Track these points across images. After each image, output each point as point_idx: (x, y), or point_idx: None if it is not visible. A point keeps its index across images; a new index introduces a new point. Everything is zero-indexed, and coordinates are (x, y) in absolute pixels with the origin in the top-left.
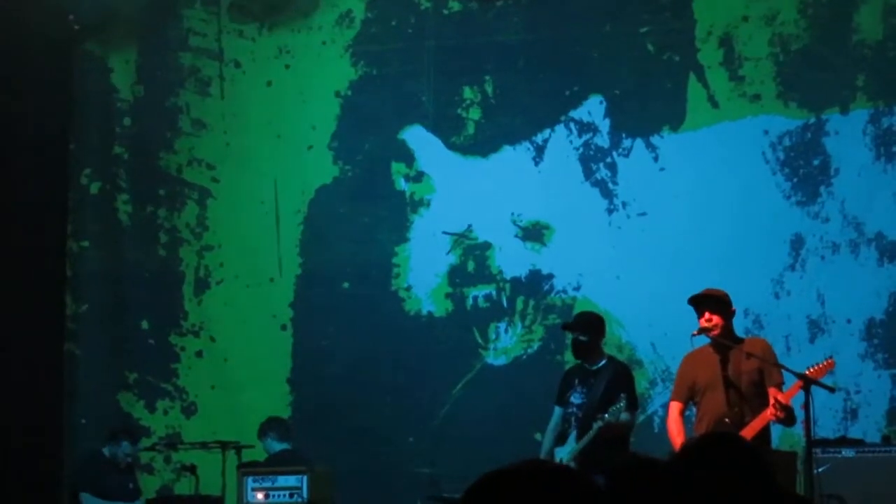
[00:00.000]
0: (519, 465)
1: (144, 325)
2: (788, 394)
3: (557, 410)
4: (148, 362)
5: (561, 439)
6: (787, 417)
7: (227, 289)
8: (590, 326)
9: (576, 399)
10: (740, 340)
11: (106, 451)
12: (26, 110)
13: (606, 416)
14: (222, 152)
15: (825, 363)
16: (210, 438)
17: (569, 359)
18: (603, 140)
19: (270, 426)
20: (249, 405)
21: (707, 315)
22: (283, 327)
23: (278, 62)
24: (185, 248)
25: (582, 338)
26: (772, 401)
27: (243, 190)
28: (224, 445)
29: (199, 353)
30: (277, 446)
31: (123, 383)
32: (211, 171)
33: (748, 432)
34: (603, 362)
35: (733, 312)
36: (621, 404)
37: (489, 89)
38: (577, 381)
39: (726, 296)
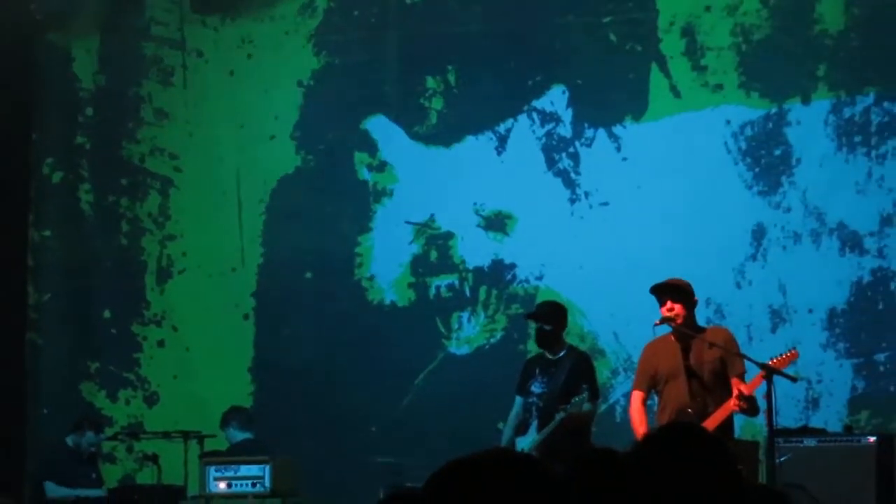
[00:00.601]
0: (481, 454)
1: (107, 314)
2: (751, 384)
3: (518, 400)
4: (110, 352)
5: (522, 429)
6: (751, 408)
7: (190, 278)
8: (553, 315)
9: (536, 388)
10: (702, 330)
11: (69, 440)
12: None
13: (568, 407)
14: (185, 142)
15: (788, 354)
16: (172, 428)
17: (531, 348)
18: (565, 130)
19: (233, 415)
20: (211, 395)
21: (669, 304)
22: (246, 317)
23: (241, 52)
24: (147, 237)
25: (546, 327)
26: (735, 391)
27: (206, 179)
28: (186, 435)
29: (161, 343)
30: (240, 436)
31: (86, 373)
32: (173, 161)
33: (711, 422)
34: (563, 352)
35: (695, 302)
36: (584, 395)
37: (452, 79)
38: (537, 371)
39: (688, 285)
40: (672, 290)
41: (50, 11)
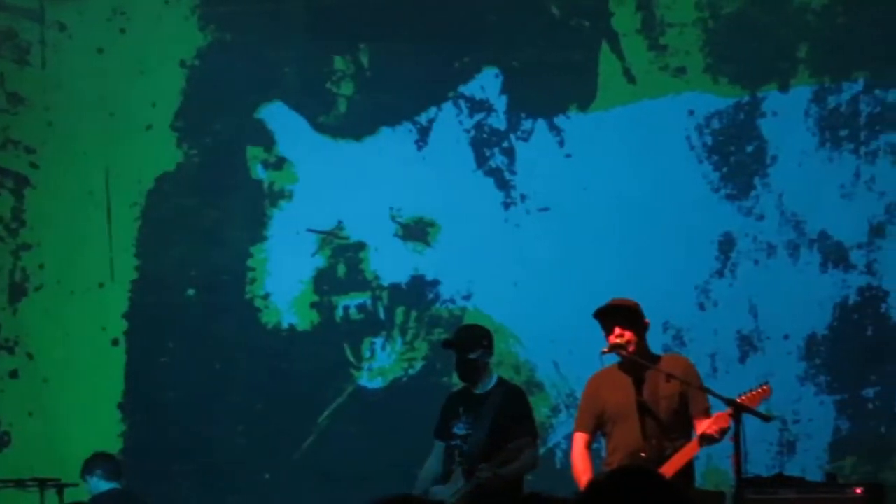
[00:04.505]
0: (388, 499)
1: None
2: (717, 422)
3: (438, 445)
4: None
5: (444, 477)
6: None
7: (48, 296)
8: (476, 342)
9: (460, 430)
10: (657, 359)
11: None
12: None
13: (490, 466)
14: (43, 133)
15: (760, 390)
16: (26, 475)
17: (458, 381)
18: (499, 121)
19: (96, 463)
20: (73, 436)
21: (617, 330)
22: (115, 342)
23: (111, 25)
24: None
25: (469, 356)
26: (699, 430)
27: (68, 178)
28: (42, 483)
29: (13, 374)
30: (104, 486)
31: None
32: (29, 156)
33: (669, 469)
34: (492, 385)
35: (647, 325)
36: (525, 439)
37: (364, 60)
38: (461, 409)
39: (637, 306)
40: (619, 313)
41: None
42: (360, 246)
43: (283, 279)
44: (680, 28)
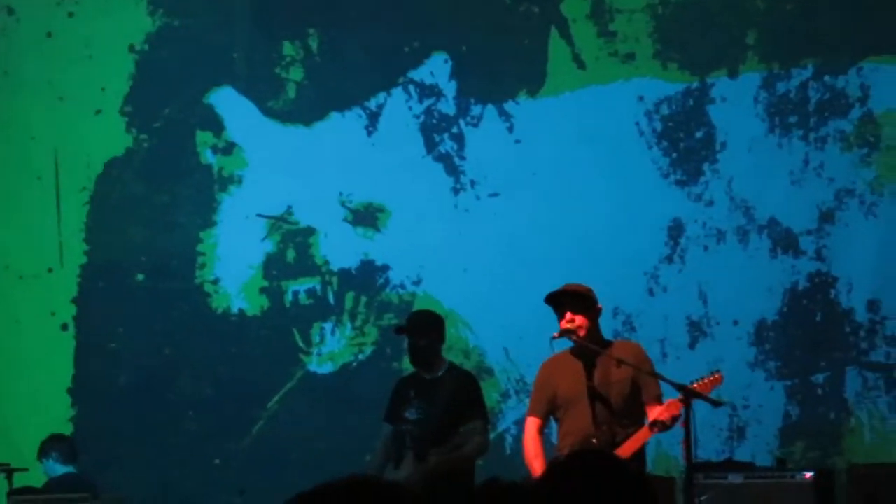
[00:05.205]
0: (339, 481)
1: None
2: (668, 409)
3: (387, 428)
4: None
5: (395, 462)
6: (665, 429)
7: None
8: (428, 328)
9: (412, 415)
10: (608, 344)
11: None
12: None
13: (443, 450)
14: None
15: (711, 378)
16: None
17: (408, 366)
18: (448, 106)
19: (52, 445)
20: (23, 420)
21: (568, 315)
22: (64, 327)
23: (60, 10)
24: None
25: (420, 342)
26: (651, 417)
27: (16, 162)
28: None
29: None
30: (60, 469)
31: None
32: None
33: (620, 454)
34: (442, 371)
35: (599, 311)
36: (476, 424)
37: (313, 45)
38: (413, 394)
39: (590, 291)
40: (571, 298)
41: None
42: (310, 231)
43: (233, 264)
44: (629, 14)
